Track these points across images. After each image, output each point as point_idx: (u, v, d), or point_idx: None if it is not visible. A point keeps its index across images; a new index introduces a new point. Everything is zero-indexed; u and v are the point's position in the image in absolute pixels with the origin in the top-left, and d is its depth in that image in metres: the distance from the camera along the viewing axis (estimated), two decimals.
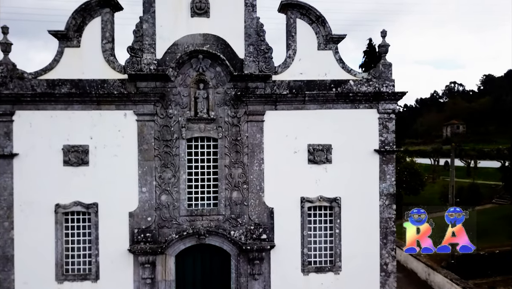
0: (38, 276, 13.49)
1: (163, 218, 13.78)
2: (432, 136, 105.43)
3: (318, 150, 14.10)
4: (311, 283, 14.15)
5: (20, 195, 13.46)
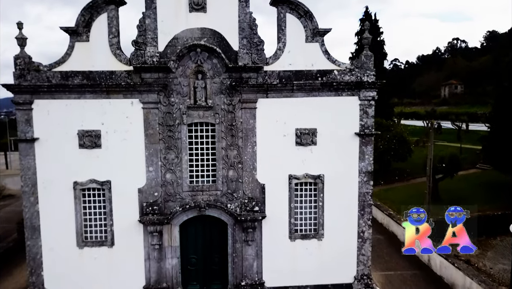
0: (61, 242, 15.67)
1: (168, 193, 15.75)
2: (430, 97, 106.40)
3: (305, 134, 15.83)
4: (297, 248, 16.37)
5: (42, 174, 15.35)
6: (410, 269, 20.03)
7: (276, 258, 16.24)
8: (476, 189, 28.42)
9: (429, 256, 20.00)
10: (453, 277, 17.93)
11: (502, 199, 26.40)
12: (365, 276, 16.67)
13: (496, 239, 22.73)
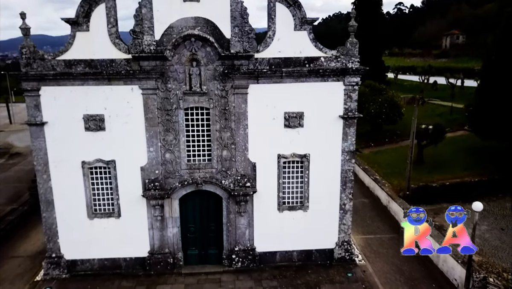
0: (73, 214, 17.51)
1: (167, 171, 17.33)
2: (431, 47, 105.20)
3: (293, 117, 17.12)
4: (285, 218, 18.24)
5: (52, 154, 16.85)
6: (389, 233, 22.07)
7: (266, 227, 18.17)
8: (460, 153, 29.97)
9: None
10: None
11: (483, 164, 28.04)
12: (345, 242, 18.70)
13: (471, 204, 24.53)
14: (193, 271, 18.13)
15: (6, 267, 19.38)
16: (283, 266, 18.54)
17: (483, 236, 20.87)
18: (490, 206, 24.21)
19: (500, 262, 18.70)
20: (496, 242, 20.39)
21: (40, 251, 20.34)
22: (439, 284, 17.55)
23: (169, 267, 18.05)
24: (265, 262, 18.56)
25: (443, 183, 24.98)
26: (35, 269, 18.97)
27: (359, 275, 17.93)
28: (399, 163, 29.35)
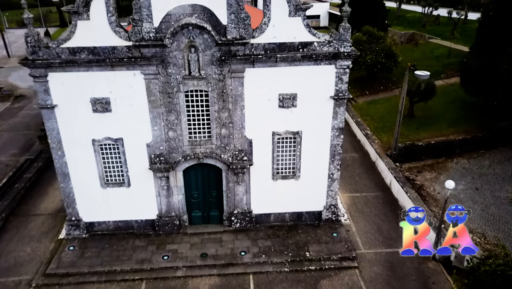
0: (88, 185, 19.46)
1: (171, 147, 18.90)
2: None
3: (286, 98, 18.24)
4: (278, 186, 20.23)
5: (64, 133, 18.30)
6: (374, 191, 24.27)
7: (261, 193, 20.23)
8: (449, 106, 31.08)
9: (391, 180, 24.04)
10: (405, 202, 22.16)
11: (469, 119, 29.35)
12: (332, 206, 20.90)
13: (453, 161, 26.48)
14: (197, 231, 20.58)
15: (31, 225, 21.84)
16: (277, 226, 20.96)
17: (458, 196, 23.04)
18: (470, 164, 26.13)
19: (469, 223, 20.98)
20: (469, 202, 22.57)
21: (59, 209, 22.69)
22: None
23: (175, 228, 20.46)
24: (260, 222, 20.95)
25: (429, 142, 26.60)
26: (57, 228, 21.47)
27: (343, 235, 20.39)
28: (391, 116, 30.63)
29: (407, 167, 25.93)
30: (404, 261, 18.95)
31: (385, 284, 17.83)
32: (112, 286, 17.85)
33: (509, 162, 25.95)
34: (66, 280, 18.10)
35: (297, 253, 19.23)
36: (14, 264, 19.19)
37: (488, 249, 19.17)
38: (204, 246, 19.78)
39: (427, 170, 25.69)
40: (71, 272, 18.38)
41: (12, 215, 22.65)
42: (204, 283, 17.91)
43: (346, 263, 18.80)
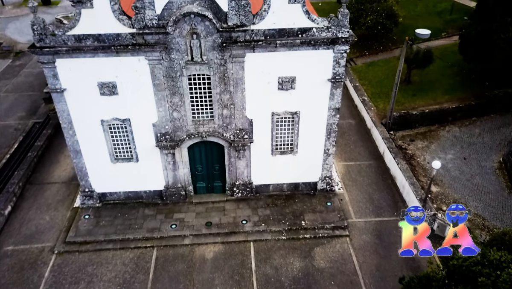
0: (99, 160, 20.78)
1: (176, 126, 19.96)
2: None
3: (286, 81, 18.99)
4: (277, 160, 21.57)
5: (75, 115, 19.28)
6: (368, 159, 25.65)
7: (261, 167, 21.63)
8: (446, 71, 31.47)
9: (384, 150, 25.34)
10: (396, 173, 23.63)
11: (465, 86, 29.99)
12: (327, 177, 22.39)
13: (445, 129, 27.56)
14: (202, 200, 22.26)
15: (47, 193, 23.50)
16: (275, 195, 22.61)
17: (446, 166, 24.46)
18: (461, 132, 27.26)
19: (453, 193, 22.66)
20: (456, 172, 24.05)
21: (72, 177, 24.20)
22: (400, 212, 21.75)
23: (182, 197, 22.12)
24: (260, 191, 22.57)
25: (423, 110, 27.50)
26: (71, 196, 23.14)
27: (336, 205, 22.09)
28: (388, 81, 31.18)
29: (400, 135, 27.10)
30: (391, 230, 20.87)
31: (372, 251, 19.80)
32: (127, 253, 19.82)
33: (498, 130, 27.07)
34: (85, 247, 20.03)
35: (294, 222, 21.03)
36: (36, 232, 21.06)
37: (469, 219, 20.97)
38: (208, 214, 21.54)
39: (419, 138, 26.88)
40: (88, 240, 20.27)
41: (28, 183, 24.24)
42: (210, 251, 19.87)
43: (338, 232, 20.66)
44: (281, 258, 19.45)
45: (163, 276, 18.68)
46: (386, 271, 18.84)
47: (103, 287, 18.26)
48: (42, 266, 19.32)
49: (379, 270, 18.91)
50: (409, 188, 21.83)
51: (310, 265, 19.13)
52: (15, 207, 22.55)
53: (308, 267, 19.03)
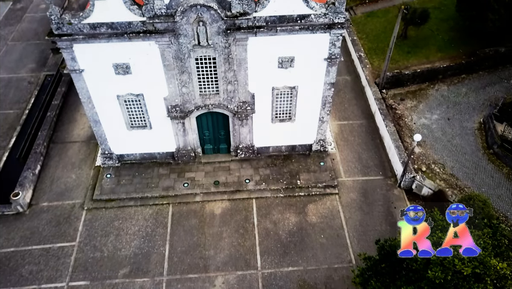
0: (116, 128, 23.12)
1: (185, 99, 21.96)
2: None
3: (285, 61, 20.62)
4: (276, 126, 23.90)
5: (92, 91, 21.21)
6: (360, 118, 27.87)
7: (262, 132, 24.04)
8: (442, 26, 32.15)
9: (376, 110, 27.45)
10: (384, 134, 26.06)
11: (458, 42, 31.06)
12: (321, 140, 24.91)
13: (434, 87, 29.31)
14: (209, 160, 25.04)
15: (70, 152, 26.19)
16: (274, 155, 25.32)
17: (430, 127, 26.79)
18: (448, 91, 29.10)
19: (434, 154, 25.31)
20: (439, 133, 26.45)
21: (90, 136, 26.63)
22: (384, 172, 24.69)
23: (191, 158, 24.86)
24: (261, 152, 25.25)
25: (415, 70, 29.04)
26: (92, 155, 25.86)
27: (328, 165, 24.89)
28: (385, 35, 32.09)
29: (392, 94, 28.99)
30: (375, 188, 23.94)
31: (358, 208, 23.04)
32: (146, 209, 23.07)
33: (484, 90, 28.91)
34: (110, 204, 23.23)
35: (290, 181, 24.00)
36: (65, 189, 24.13)
37: (444, 179, 23.96)
38: (216, 174, 24.45)
39: (409, 97, 28.82)
40: (112, 198, 23.41)
41: (52, 142, 26.79)
42: (218, 207, 23.10)
43: (329, 190, 23.72)
44: (279, 213, 22.74)
45: (179, 230, 22.11)
46: (368, 226, 22.22)
47: (129, 240, 21.77)
48: (75, 220, 22.68)
49: (362, 225, 22.28)
50: (394, 150, 24.42)
51: (304, 220, 22.47)
52: (43, 165, 25.38)
53: (302, 222, 22.39)
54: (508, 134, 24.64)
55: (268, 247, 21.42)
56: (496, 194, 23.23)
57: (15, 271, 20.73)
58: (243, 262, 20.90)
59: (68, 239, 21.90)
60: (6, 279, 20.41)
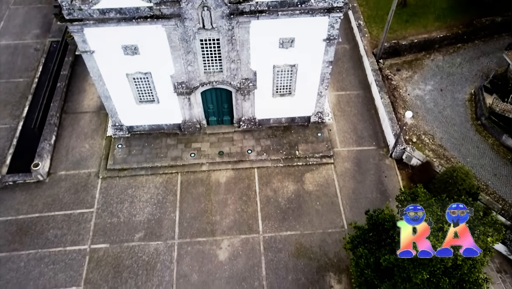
0: (126, 102, 24.52)
1: (190, 77, 23.17)
2: None
3: (286, 41, 21.61)
4: (277, 100, 25.27)
5: (103, 70, 22.38)
6: (357, 89, 29.11)
7: (263, 106, 25.47)
8: None
9: (372, 81, 28.62)
10: (379, 104, 27.45)
11: (457, 10, 31.50)
12: (319, 112, 26.39)
13: (430, 57, 30.22)
14: (214, 131, 26.66)
15: (81, 122, 27.73)
16: (275, 127, 26.91)
17: (423, 98, 28.12)
18: (443, 61, 30.06)
19: (425, 125, 26.88)
20: (431, 104, 27.83)
21: (99, 106, 28.02)
22: (378, 142, 26.41)
23: (197, 129, 26.48)
24: (262, 124, 26.82)
25: (412, 40, 29.81)
26: (103, 125, 27.43)
27: (325, 135, 26.55)
28: (386, 1, 32.41)
29: (389, 63, 29.99)
30: (368, 158, 25.79)
31: (351, 177, 25.03)
32: (157, 178, 25.05)
33: (478, 60, 29.88)
34: (123, 173, 25.17)
35: (289, 151, 25.79)
36: (80, 159, 25.96)
37: (433, 150, 25.74)
38: (220, 144, 26.18)
39: (405, 67, 29.86)
40: (125, 167, 25.30)
41: (64, 112, 28.23)
42: (223, 176, 25.07)
43: (325, 160, 25.58)
44: (279, 182, 24.75)
45: (187, 197, 24.23)
46: (360, 194, 24.32)
47: (143, 206, 23.94)
48: (92, 188, 24.73)
49: (354, 193, 24.38)
50: (388, 122, 25.97)
51: (301, 188, 24.54)
52: (58, 136, 27.03)
53: (300, 190, 24.47)
54: (496, 107, 26.06)
55: (268, 213, 23.64)
56: (479, 164, 25.12)
57: (41, 234, 23.08)
58: (246, 226, 23.20)
59: (87, 206, 24.06)
60: (34, 242, 22.79)
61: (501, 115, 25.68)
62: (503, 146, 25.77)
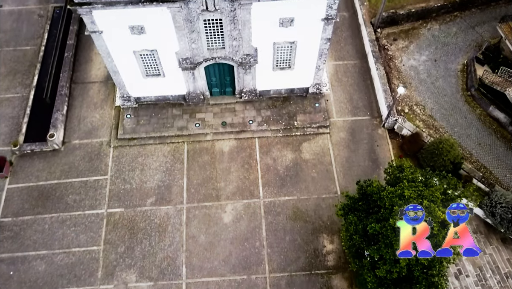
0: (133, 76, 25.80)
1: (194, 53, 24.28)
2: None
3: (285, 21, 22.53)
4: (277, 74, 26.53)
5: (111, 48, 23.46)
6: (354, 59, 30.11)
7: (264, 79, 26.77)
8: None
9: (369, 52, 29.57)
10: (374, 75, 28.65)
11: None
12: (317, 84, 27.72)
13: (427, 26, 30.86)
14: (217, 102, 28.15)
15: (91, 92, 29.12)
16: (275, 97, 28.35)
17: (418, 68, 29.25)
18: (439, 30, 30.78)
19: (417, 96, 28.28)
20: (424, 75, 29.01)
21: (107, 76, 29.24)
22: (372, 113, 27.98)
23: (201, 100, 27.95)
24: (263, 94, 28.24)
25: (410, 10, 30.34)
26: (111, 95, 28.84)
27: (323, 106, 28.06)
28: None
29: (386, 33, 30.76)
30: (362, 128, 27.50)
31: (345, 146, 26.88)
32: (165, 146, 26.92)
33: (473, 30, 30.60)
34: (133, 142, 27.00)
35: (288, 122, 27.45)
36: (92, 128, 27.68)
37: (423, 120, 27.39)
38: (223, 115, 27.78)
39: (402, 37, 30.66)
40: (134, 136, 27.09)
41: (73, 82, 29.50)
42: (226, 145, 26.92)
43: (321, 130, 27.30)
44: (278, 151, 26.66)
45: (194, 165, 26.25)
46: (353, 162, 26.30)
47: (153, 174, 26.03)
48: (105, 157, 26.69)
49: (348, 161, 26.36)
50: (382, 93, 27.37)
51: (299, 157, 26.49)
52: (69, 106, 28.53)
53: (297, 159, 26.43)
54: (486, 79, 27.32)
55: (268, 180, 25.77)
56: (466, 134, 26.89)
57: (61, 199, 25.36)
58: (248, 192, 25.42)
59: (101, 173, 26.14)
60: (55, 206, 25.12)
61: (489, 87, 26.98)
62: (490, 116, 27.36)
